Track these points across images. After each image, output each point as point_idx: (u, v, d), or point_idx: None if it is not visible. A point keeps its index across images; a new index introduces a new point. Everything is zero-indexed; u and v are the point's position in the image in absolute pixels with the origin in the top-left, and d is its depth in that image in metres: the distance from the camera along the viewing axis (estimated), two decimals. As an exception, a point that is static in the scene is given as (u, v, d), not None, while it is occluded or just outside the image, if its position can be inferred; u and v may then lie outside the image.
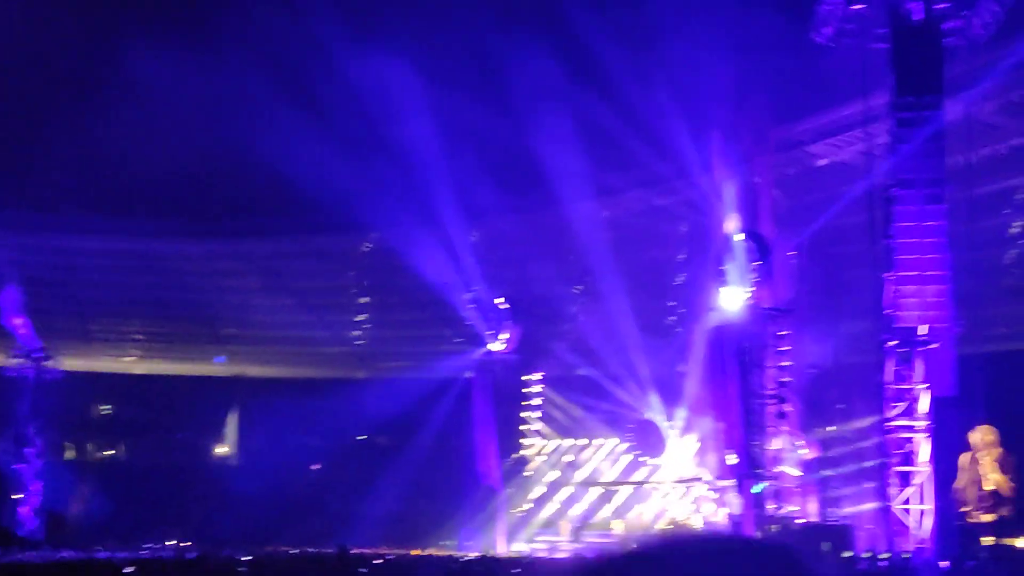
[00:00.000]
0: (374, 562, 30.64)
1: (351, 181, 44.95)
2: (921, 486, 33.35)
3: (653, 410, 48.14)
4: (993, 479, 40.34)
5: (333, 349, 61.34)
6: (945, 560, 34.10)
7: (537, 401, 52.07)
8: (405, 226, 49.03)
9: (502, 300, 48.10)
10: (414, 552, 41.94)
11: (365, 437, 58.60)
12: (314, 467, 58.37)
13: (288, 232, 55.44)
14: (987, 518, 40.86)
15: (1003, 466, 39.97)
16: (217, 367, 61.62)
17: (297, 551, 38.00)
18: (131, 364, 61.95)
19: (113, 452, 63.70)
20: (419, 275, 49.15)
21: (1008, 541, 41.31)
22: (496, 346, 48.27)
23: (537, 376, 52.15)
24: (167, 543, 46.91)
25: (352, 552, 32.25)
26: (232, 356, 61.41)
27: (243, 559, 30.93)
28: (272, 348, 61.42)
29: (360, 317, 59.62)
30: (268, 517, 55.07)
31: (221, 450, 62.72)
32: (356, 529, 50.13)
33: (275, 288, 57.47)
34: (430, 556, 39.79)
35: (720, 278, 39.10)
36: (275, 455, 60.02)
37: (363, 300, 58.93)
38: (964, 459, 40.93)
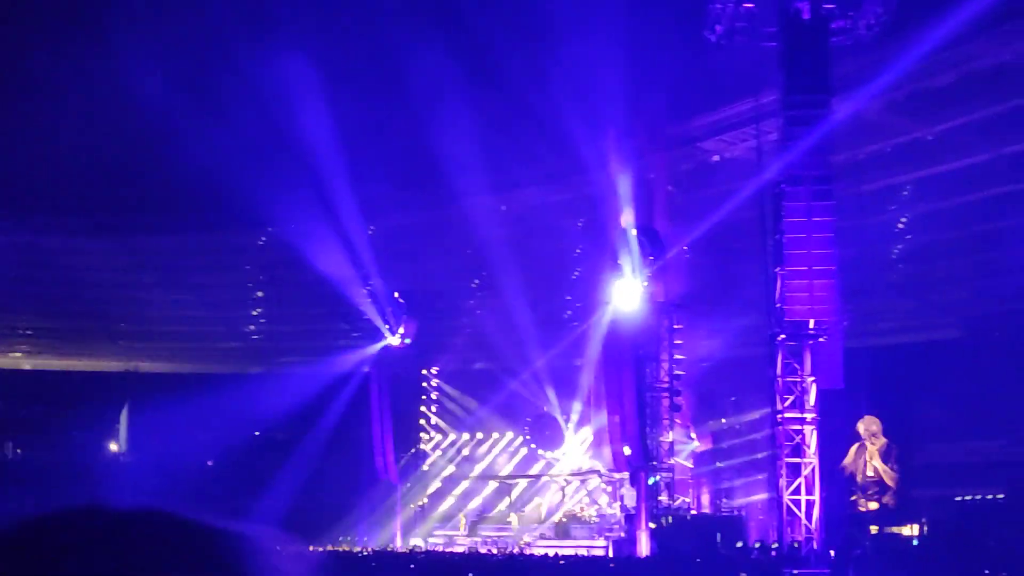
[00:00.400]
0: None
1: (247, 176, 44.28)
2: (809, 477, 33.96)
3: (549, 404, 48.44)
4: (876, 467, 41.39)
5: (229, 344, 60.58)
6: (833, 548, 34.85)
7: (434, 395, 52.03)
8: (301, 220, 48.53)
9: (399, 294, 47.90)
10: (311, 548, 41.56)
11: (260, 433, 57.86)
12: (209, 463, 57.46)
13: (184, 228, 54.49)
14: (872, 506, 41.93)
15: (885, 456, 41.05)
16: (109, 363, 60.43)
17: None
18: (19, 360, 60.50)
19: (0, 450, 62.08)
20: (315, 269, 48.70)
21: (894, 529, 42.45)
22: (393, 340, 48.09)
23: (434, 370, 52.12)
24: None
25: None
26: (126, 352, 60.31)
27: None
28: (166, 343, 60.46)
29: (256, 312, 58.92)
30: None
31: (114, 447, 61.48)
32: (252, 523, 49.56)
33: (170, 283, 56.52)
34: (326, 551, 39.46)
35: (615, 272, 39.40)
36: (169, 452, 59.03)
37: (259, 295, 58.21)
38: (852, 449, 41.96)
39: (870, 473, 42.26)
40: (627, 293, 38.80)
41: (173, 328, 59.22)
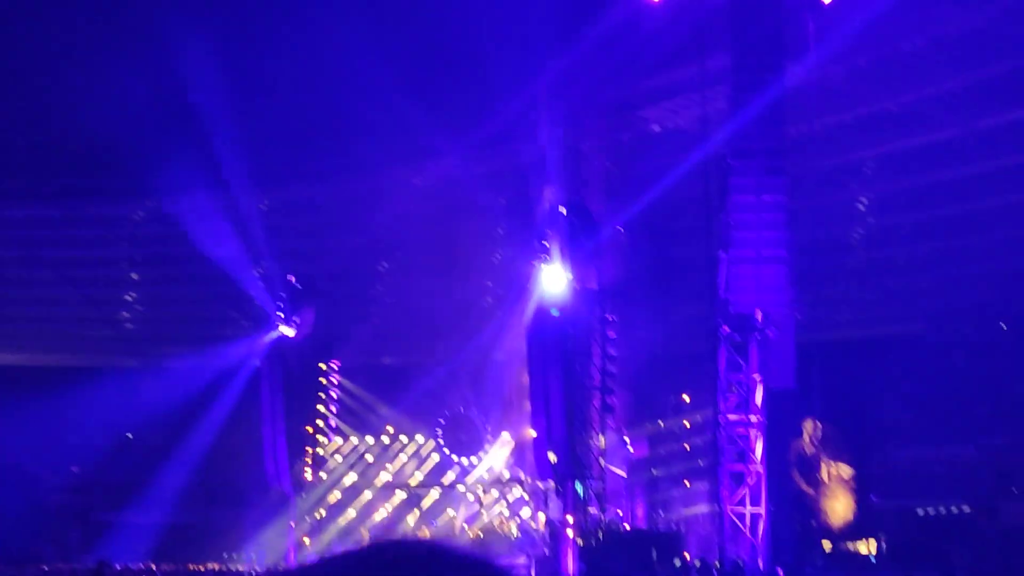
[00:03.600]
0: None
1: (125, 139, 43.86)
2: (755, 487, 34.57)
3: (466, 404, 48.68)
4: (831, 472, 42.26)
5: (99, 332, 59.95)
6: (781, 566, 35.53)
7: (335, 393, 51.97)
8: (186, 192, 48.24)
9: (295, 278, 47.79)
10: (192, 567, 41.45)
11: (133, 436, 57.43)
12: (74, 469, 56.96)
13: (48, 196, 53.79)
14: (838, 508, 42.78)
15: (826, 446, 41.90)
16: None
17: (50, 568, 37.10)
18: None
19: None
20: (201, 248, 48.43)
21: (849, 545, 43.36)
22: (288, 330, 47.93)
23: (335, 365, 52.04)
24: None
25: (115, 568, 31.75)
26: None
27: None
28: (25, 330, 59.67)
29: (131, 296, 58.39)
30: (20, 530, 53.65)
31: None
32: (124, 540, 49.29)
33: (30, 260, 55.78)
34: (210, 571, 39.42)
35: (542, 256, 39.65)
36: (29, 456, 58.41)
37: (134, 276, 57.69)
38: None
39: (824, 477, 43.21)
40: (555, 279, 39.08)
41: (30, 311, 58.50)
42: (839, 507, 42.91)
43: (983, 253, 43.27)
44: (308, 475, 50.22)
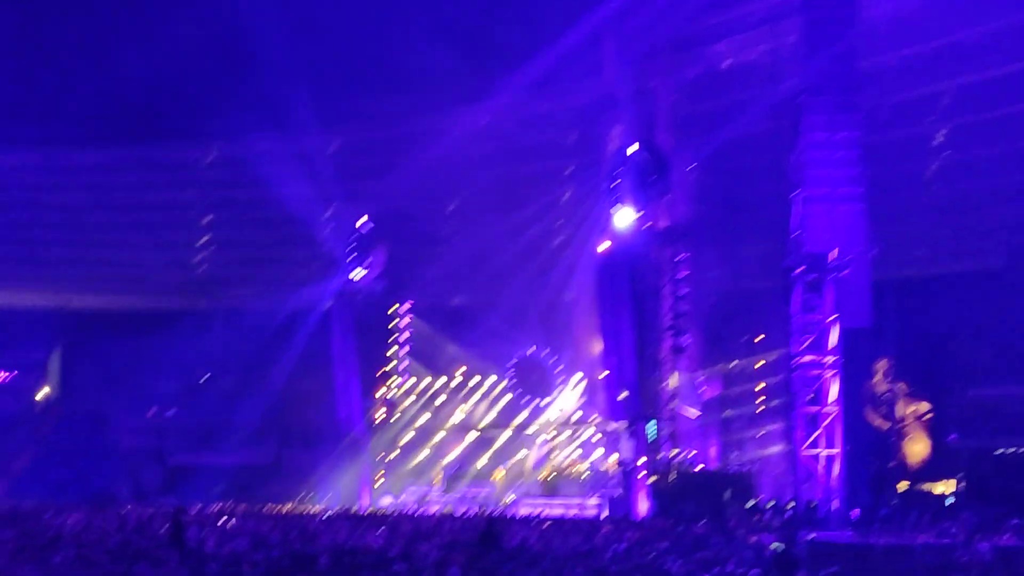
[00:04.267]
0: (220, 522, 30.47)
1: (193, 85, 44.06)
2: (829, 428, 34.26)
3: (537, 345, 48.61)
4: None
5: (172, 275, 60.51)
6: (855, 508, 35.24)
7: (405, 335, 52.13)
8: (254, 135, 48.33)
9: (364, 220, 47.81)
10: (267, 508, 41.87)
11: (209, 377, 58.09)
12: (150, 412, 57.78)
13: (118, 140, 54.20)
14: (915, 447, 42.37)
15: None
16: (36, 298, 60.31)
17: (127, 510, 37.62)
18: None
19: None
20: (270, 191, 48.58)
21: (926, 486, 42.86)
22: (358, 273, 48.08)
23: (405, 307, 52.16)
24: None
25: (191, 512, 32.06)
26: (54, 284, 60.16)
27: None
28: (101, 274, 60.32)
29: (202, 239, 58.82)
30: (97, 472, 54.59)
31: (43, 393, 61.69)
32: (199, 482, 49.94)
33: (104, 205, 56.35)
34: (284, 512, 39.78)
35: (611, 196, 39.34)
36: (107, 398, 59.31)
37: (206, 219, 58.08)
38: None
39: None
40: (625, 219, 38.78)
41: (104, 256, 59.14)
42: (916, 447, 42.40)
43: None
44: (381, 416, 50.47)
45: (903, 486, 42.05)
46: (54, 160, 54.77)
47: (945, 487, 42.17)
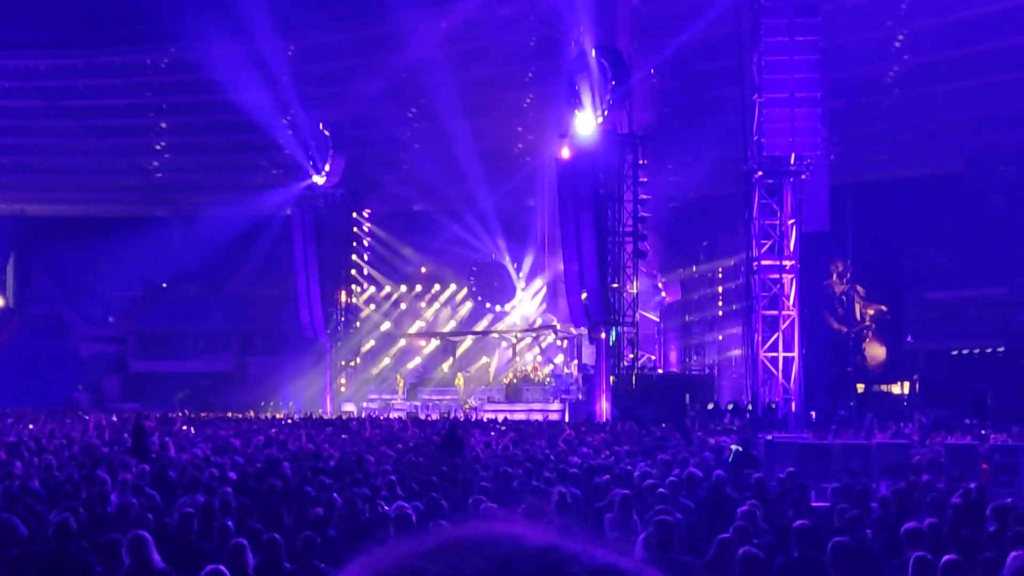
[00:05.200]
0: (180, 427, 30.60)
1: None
2: (788, 331, 34.66)
3: (498, 251, 48.66)
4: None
5: (129, 181, 60.17)
6: (814, 410, 35.81)
7: (366, 242, 52.12)
8: (210, 39, 47.73)
9: (324, 125, 47.56)
10: (229, 415, 42.02)
11: (168, 284, 58.01)
12: (111, 319, 57.72)
13: (71, 45, 53.49)
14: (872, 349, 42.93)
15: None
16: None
17: (88, 416, 37.71)
18: None
19: None
20: (227, 95, 48.16)
21: (883, 387, 43.54)
22: (318, 179, 47.91)
23: (366, 213, 52.09)
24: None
25: (152, 417, 32.20)
26: (8, 190, 59.73)
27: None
28: (56, 181, 59.92)
29: (160, 145, 58.42)
30: (56, 378, 54.61)
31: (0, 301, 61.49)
32: (160, 389, 50.08)
33: (56, 110, 55.76)
34: (247, 418, 39.93)
35: (572, 100, 39.20)
36: (64, 306, 59.21)
37: (163, 124, 57.63)
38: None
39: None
40: (586, 124, 38.71)
41: (58, 162, 58.70)
42: (873, 349, 42.98)
43: (1021, 90, 42.43)
44: (342, 323, 50.52)
45: (860, 388, 42.77)
46: (5, 66, 54.04)
47: (901, 388, 42.91)
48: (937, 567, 7.26)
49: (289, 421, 35.82)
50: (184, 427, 30.38)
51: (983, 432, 27.29)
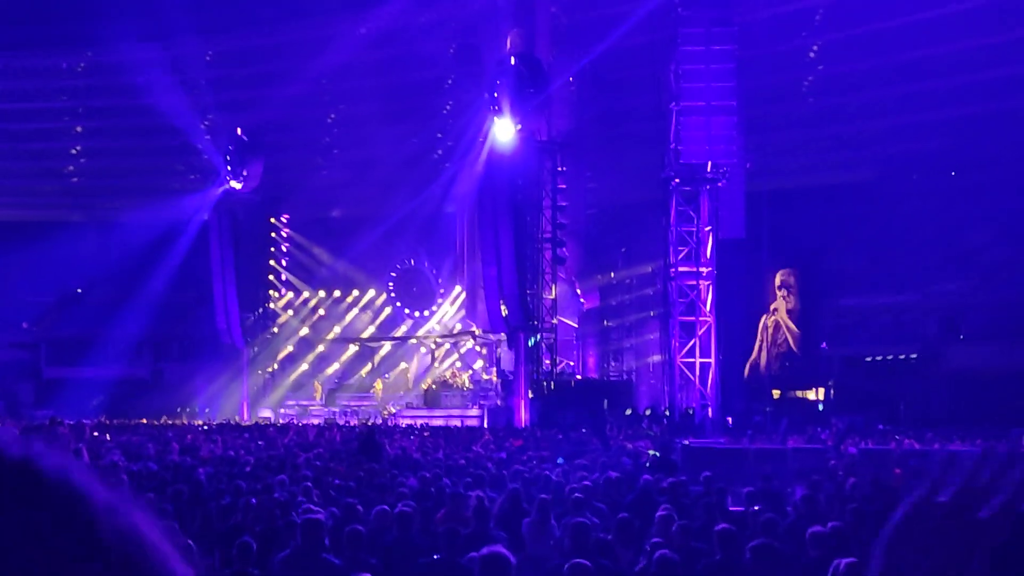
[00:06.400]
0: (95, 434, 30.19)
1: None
2: (704, 337, 34.92)
3: (417, 257, 48.53)
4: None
5: (43, 185, 59.30)
6: (730, 415, 36.04)
7: (285, 247, 51.72)
8: (127, 41, 47.17)
9: (242, 130, 47.14)
10: (145, 421, 41.52)
11: (83, 289, 57.14)
12: (24, 325, 56.73)
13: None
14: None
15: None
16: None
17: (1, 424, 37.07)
18: None
19: None
20: (145, 99, 47.65)
21: (798, 393, 43.94)
22: (236, 183, 47.46)
23: (284, 218, 51.71)
24: None
25: (67, 424, 31.68)
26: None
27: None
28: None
29: (75, 149, 57.64)
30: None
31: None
32: (75, 396, 49.30)
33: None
34: (163, 425, 39.48)
35: (492, 107, 39.21)
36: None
37: (78, 128, 56.86)
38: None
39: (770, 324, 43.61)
40: (505, 131, 38.72)
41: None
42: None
43: (934, 100, 43.09)
44: (259, 329, 50.06)
45: (776, 393, 43.14)
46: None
47: (816, 393, 43.33)
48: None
49: (205, 427, 35.43)
50: (96, 433, 29.92)
51: (896, 437, 27.64)
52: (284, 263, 50.82)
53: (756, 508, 11.16)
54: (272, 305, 50.35)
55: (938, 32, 40.51)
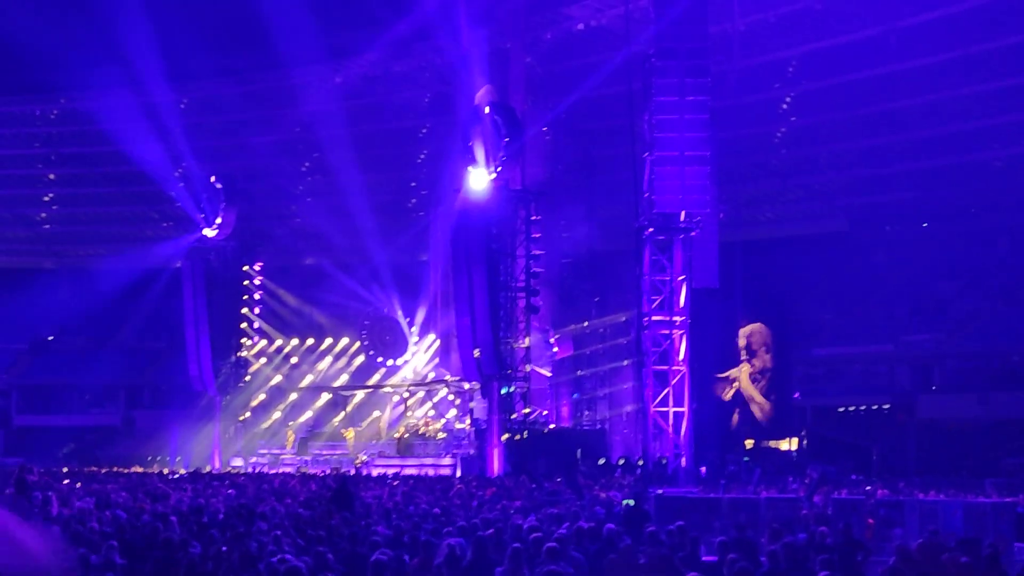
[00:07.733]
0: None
1: (38, 36, 42.83)
2: (678, 386, 34.76)
3: (390, 305, 48.39)
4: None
5: (16, 232, 59.18)
6: (703, 465, 35.89)
7: (258, 295, 51.47)
8: (102, 90, 47.21)
9: (215, 178, 47.01)
10: (116, 469, 41.15)
11: (55, 336, 56.85)
12: (-9, 375, 56.38)
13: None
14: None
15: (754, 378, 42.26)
16: None
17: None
18: None
19: None
20: (119, 146, 47.61)
21: (771, 443, 43.88)
22: (210, 231, 47.28)
23: (257, 266, 51.50)
24: None
25: (36, 472, 31.36)
26: None
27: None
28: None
29: (48, 196, 57.49)
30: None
31: None
32: (46, 444, 48.89)
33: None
34: (134, 474, 39.12)
35: (466, 156, 39.24)
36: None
37: (51, 176, 56.77)
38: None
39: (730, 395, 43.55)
40: (479, 179, 38.74)
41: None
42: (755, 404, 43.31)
43: (905, 152, 43.46)
44: (232, 377, 49.68)
45: (750, 443, 43.06)
46: None
47: (789, 444, 43.30)
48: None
49: (175, 476, 35.11)
50: (66, 481, 29.59)
51: (868, 487, 27.57)
52: (257, 311, 50.44)
53: (731, 557, 11.07)
54: (245, 353, 49.93)
55: (909, 85, 40.91)
